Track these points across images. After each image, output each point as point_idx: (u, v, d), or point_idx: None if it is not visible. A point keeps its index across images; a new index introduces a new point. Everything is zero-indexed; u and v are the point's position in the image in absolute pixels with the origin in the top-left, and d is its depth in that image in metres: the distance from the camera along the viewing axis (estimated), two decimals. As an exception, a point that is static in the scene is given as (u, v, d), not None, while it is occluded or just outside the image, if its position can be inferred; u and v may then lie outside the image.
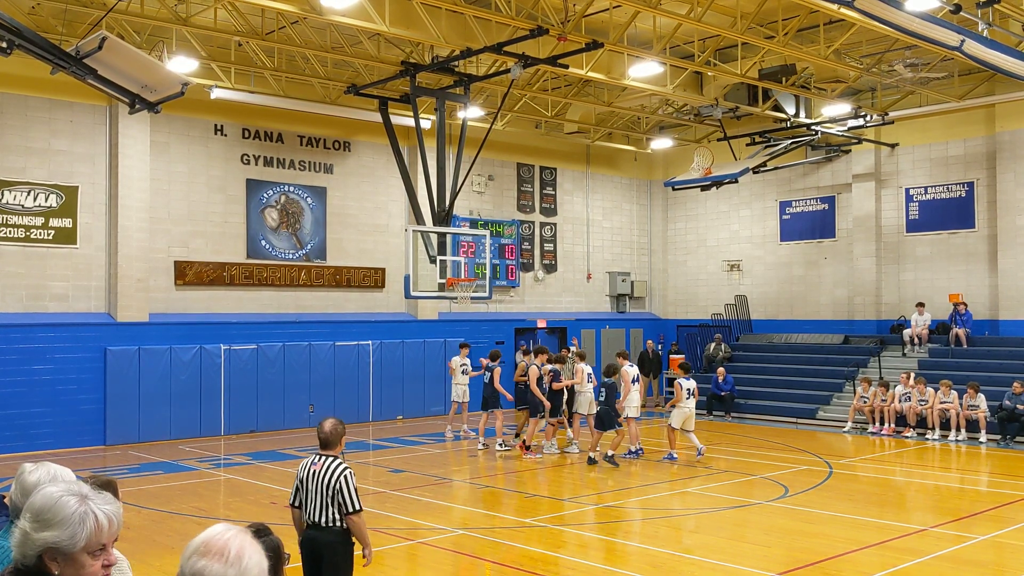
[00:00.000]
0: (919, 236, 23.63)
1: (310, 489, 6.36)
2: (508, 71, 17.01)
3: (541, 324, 25.78)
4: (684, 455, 16.29)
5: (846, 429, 20.24)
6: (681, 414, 16.03)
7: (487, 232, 21.07)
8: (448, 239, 17.87)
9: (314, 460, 6.47)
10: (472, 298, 18.68)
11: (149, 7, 15.38)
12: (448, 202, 17.99)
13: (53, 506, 2.38)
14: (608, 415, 15.47)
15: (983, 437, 18.28)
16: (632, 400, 15.99)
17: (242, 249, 20.64)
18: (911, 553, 9.85)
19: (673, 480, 14.57)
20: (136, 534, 10.66)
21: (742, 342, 25.77)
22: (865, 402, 20.12)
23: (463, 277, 18.48)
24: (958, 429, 18.53)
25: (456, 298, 18.14)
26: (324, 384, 20.94)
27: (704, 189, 24.57)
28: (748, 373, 23.81)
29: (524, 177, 26.21)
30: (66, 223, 18.18)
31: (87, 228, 18.46)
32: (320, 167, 21.98)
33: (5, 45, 11.33)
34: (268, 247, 21.03)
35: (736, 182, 24.23)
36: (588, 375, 16.74)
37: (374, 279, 22.75)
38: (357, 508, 6.30)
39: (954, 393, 18.69)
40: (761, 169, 24.60)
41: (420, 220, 19.06)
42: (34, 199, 17.76)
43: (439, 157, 17.81)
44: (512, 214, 25.86)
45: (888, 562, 9.53)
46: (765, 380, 23.44)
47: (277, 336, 20.61)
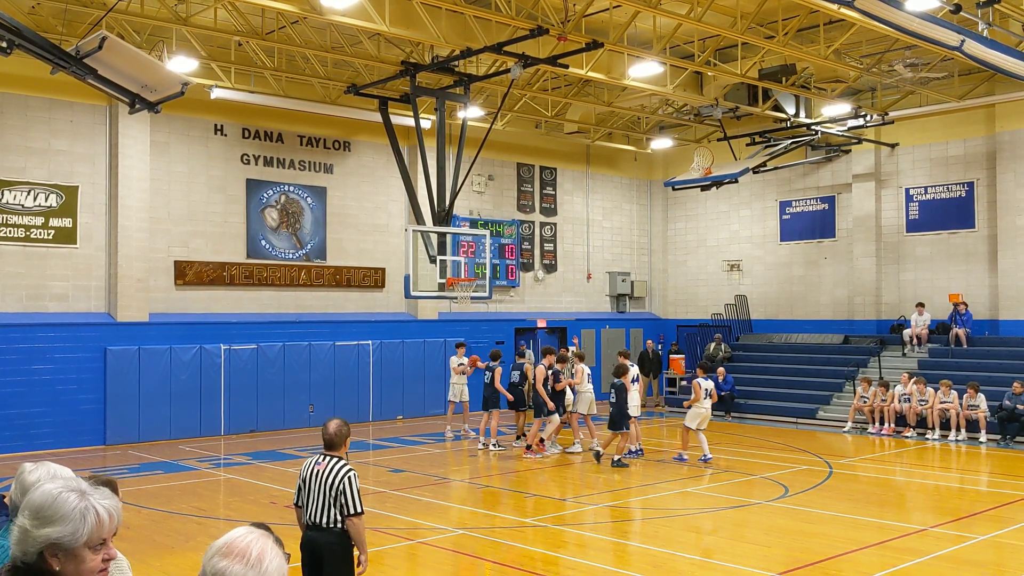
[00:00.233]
0: (919, 236, 23.63)
1: (312, 489, 6.33)
2: (508, 71, 17.01)
3: (541, 324, 25.78)
4: (689, 456, 16.26)
5: (846, 429, 20.24)
6: (698, 414, 15.80)
7: (487, 232, 21.04)
8: (448, 239, 17.87)
9: (317, 460, 6.43)
10: (472, 298, 18.69)
11: (149, 7, 15.39)
12: (448, 202, 17.99)
13: (53, 503, 2.38)
14: (620, 415, 15.46)
15: (983, 437, 18.28)
16: (632, 400, 15.97)
17: (242, 249, 20.64)
18: (911, 553, 9.85)
19: (673, 480, 14.56)
20: (136, 534, 10.66)
21: (742, 342, 25.76)
22: (865, 402, 20.12)
23: (463, 277, 18.45)
24: (958, 429, 18.53)
25: (456, 298, 18.14)
26: (324, 384, 20.94)
27: (704, 189, 24.57)
28: (748, 373, 23.81)
29: (524, 177, 26.21)
30: (66, 223, 18.18)
31: (87, 228, 18.46)
32: (320, 167, 21.98)
33: (5, 45, 11.32)
34: (268, 247, 21.03)
35: (736, 182, 24.23)
36: (588, 375, 16.72)
37: (374, 279, 22.75)
38: (359, 511, 6.27)
39: (954, 393, 18.69)
40: (761, 169, 24.60)
41: (420, 220, 19.05)
42: (34, 199, 17.76)
43: (439, 157, 17.81)
44: (512, 214, 25.86)
45: (888, 562, 9.53)
46: (765, 380, 23.44)
47: (277, 336, 20.62)
